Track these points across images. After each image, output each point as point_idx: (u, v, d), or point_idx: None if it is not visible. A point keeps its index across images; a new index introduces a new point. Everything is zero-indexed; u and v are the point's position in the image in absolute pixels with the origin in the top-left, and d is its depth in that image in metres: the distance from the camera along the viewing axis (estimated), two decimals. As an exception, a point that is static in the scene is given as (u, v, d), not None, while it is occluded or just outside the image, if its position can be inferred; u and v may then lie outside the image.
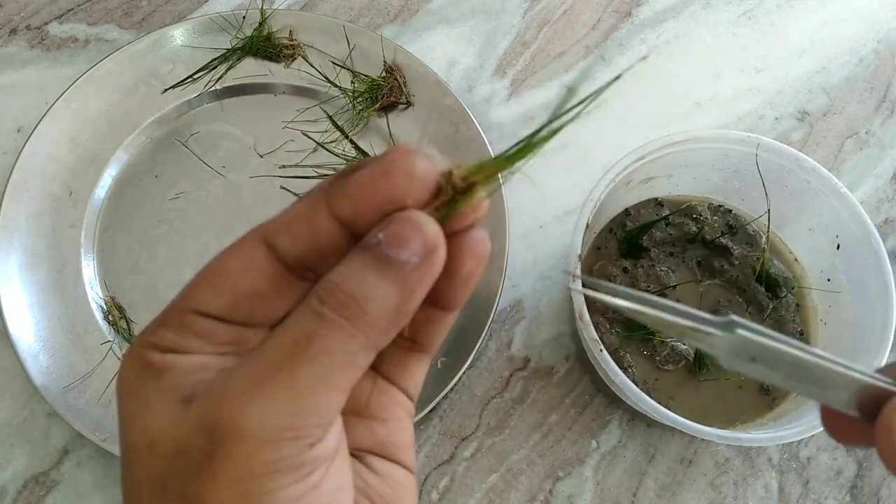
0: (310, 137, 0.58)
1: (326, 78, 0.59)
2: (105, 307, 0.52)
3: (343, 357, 0.18)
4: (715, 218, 0.54)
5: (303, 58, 0.60)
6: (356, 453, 0.21)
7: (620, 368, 0.42)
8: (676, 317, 0.21)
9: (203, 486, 0.17)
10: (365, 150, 0.57)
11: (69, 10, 0.63)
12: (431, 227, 0.18)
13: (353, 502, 0.19)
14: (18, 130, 0.58)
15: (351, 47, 0.59)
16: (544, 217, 0.57)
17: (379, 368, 0.22)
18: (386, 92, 0.58)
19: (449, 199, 0.19)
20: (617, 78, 0.22)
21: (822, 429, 0.41)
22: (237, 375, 0.18)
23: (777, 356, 0.20)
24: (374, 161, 0.18)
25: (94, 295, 0.52)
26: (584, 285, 0.21)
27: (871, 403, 0.21)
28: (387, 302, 0.18)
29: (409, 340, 0.22)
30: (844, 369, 0.21)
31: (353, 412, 0.21)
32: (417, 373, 0.23)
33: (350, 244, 0.19)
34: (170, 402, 0.18)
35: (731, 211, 0.54)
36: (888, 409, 0.20)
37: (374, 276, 0.18)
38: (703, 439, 0.47)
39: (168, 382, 0.18)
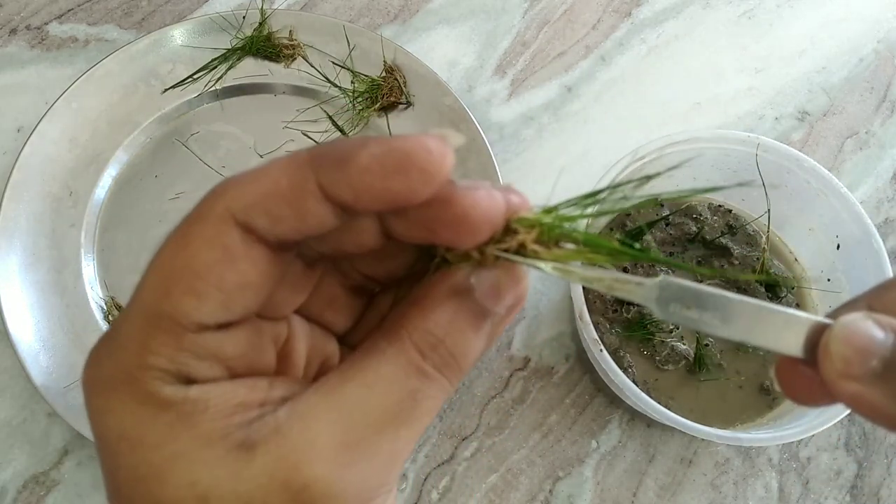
0: (310, 137, 0.58)
1: (326, 78, 0.59)
2: (105, 307, 0.52)
3: (438, 410, 0.17)
4: (715, 218, 0.54)
5: (303, 58, 0.60)
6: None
7: (620, 368, 0.42)
8: (604, 273, 0.20)
9: None
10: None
11: (69, 10, 0.63)
12: (526, 281, 0.18)
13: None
14: (18, 130, 0.58)
15: (351, 47, 0.59)
16: (544, 217, 0.57)
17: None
18: (386, 92, 0.58)
19: (511, 246, 0.18)
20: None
21: (822, 428, 0.41)
22: (327, 430, 0.16)
23: (709, 299, 0.20)
24: (382, 147, 0.16)
25: (94, 295, 0.52)
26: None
27: (815, 344, 0.20)
28: (478, 353, 0.18)
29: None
30: (785, 311, 0.20)
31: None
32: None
33: (340, 221, 0.17)
34: (220, 452, 0.16)
35: (731, 211, 0.54)
36: (825, 335, 0.20)
37: (472, 332, 0.17)
38: (703, 439, 0.47)
39: (208, 428, 0.16)
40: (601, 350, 0.42)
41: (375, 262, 0.20)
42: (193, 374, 0.16)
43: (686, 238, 0.53)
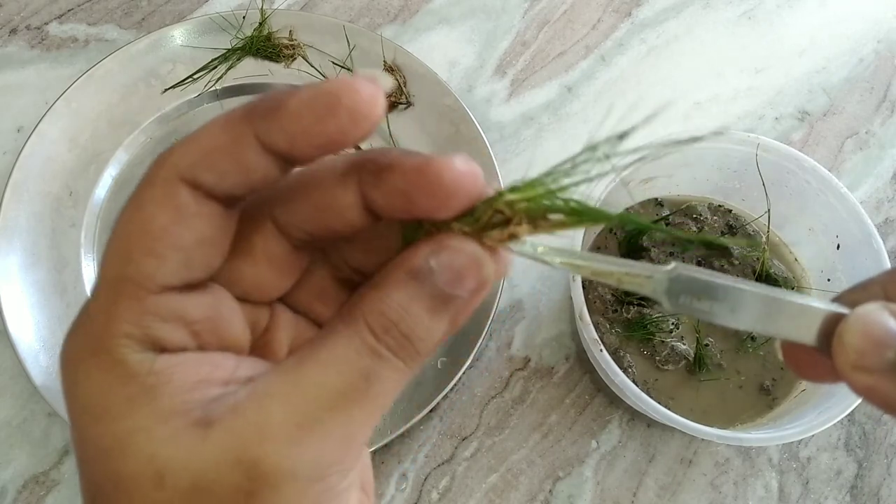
0: (310, 137, 0.58)
1: (326, 78, 0.59)
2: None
3: (391, 397, 0.17)
4: (715, 218, 0.54)
5: (303, 58, 0.60)
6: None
7: (620, 368, 0.42)
8: (613, 266, 0.20)
9: None
10: (365, 150, 0.57)
11: (69, 10, 0.63)
12: (489, 265, 0.18)
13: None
14: (18, 130, 0.58)
15: (351, 47, 0.59)
16: (544, 217, 0.57)
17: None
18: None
19: (484, 224, 0.18)
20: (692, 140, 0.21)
21: (822, 428, 0.41)
22: (281, 409, 0.16)
23: (720, 290, 0.20)
24: (310, 92, 0.16)
25: (94, 295, 0.52)
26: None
27: (829, 333, 0.20)
28: (437, 337, 0.18)
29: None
30: (798, 300, 0.20)
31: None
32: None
33: (282, 171, 0.17)
34: (178, 428, 0.16)
35: (731, 211, 0.54)
36: (840, 326, 0.19)
37: (429, 315, 0.17)
38: (703, 439, 0.47)
39: (168, 403, 0.16)
40: (601, 350, 0.42)
41: (362, 252, 0.20)
42: (159, 338, 0.17)
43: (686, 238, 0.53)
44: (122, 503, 0.16)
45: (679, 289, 0.20)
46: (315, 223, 0.18)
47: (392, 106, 0.58)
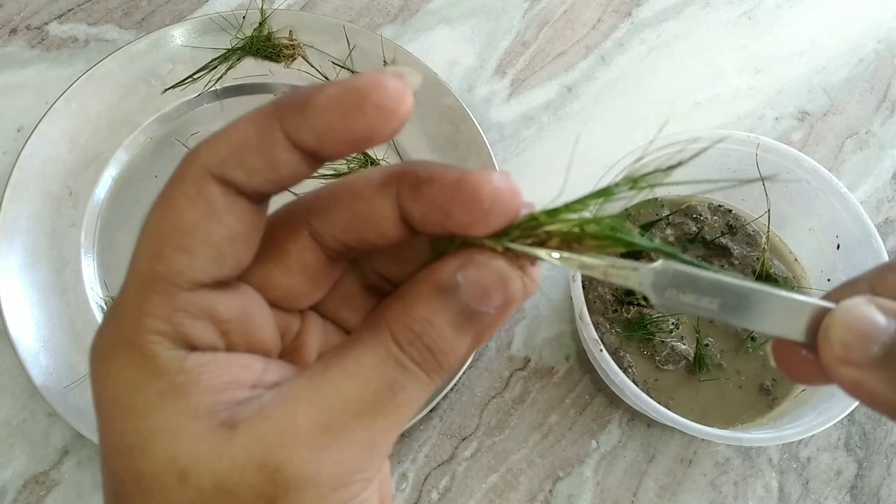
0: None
1: (326, 78, 0.59)
2: (105, 307, 0.52)
3: (416, 408, 0.17)
4: (715, 218, 0.54)
5: (303, 58, 0.60)
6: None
7: (620, 368, 0.42)
8: (600, 259, 0.20)
9: None
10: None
11: (69, 10, 0.63)
12: (516, 283, 0.18)
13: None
14: (18, 130, 0.58)
15: (351, 47, 0.59)
16: (544, 217, 0.57)
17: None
18: (386, 92, 0.58)
19: (518, 235, 0.18)
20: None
21: (822, 428, 0.41)
22: (306, 415, 0.16)
23: (706, 284, 0.20)
24: (338, 88, 0.16)
25: (94, 295, 0.52)
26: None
27: (817, 329, 0.20)
28: (462, 352, 0.18)
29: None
30: (785, 294, 0.20)
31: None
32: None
33: (311, 167, 0.17)
34: (204, 428, 0.16)
35: (731, 211, 0.54)
36: (826, 320, 0.19)
37: (453, 330, 0.17)
38: (703, 439, 0.47)
39: (196, 403, 0.16)
40: (601, 350, 0.42)
41: (392, 261, 0.20)
42: (190, 335, 0.17)
43: (686, 238, 0.53)
44: (144, 501, 0.16)
45: (665, 282, 0.20)
46: (351, 234, 0.18)
47: (392, 106, 0.58)
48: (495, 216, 0.17)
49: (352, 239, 0.18)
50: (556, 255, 0.19)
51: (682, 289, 0.20)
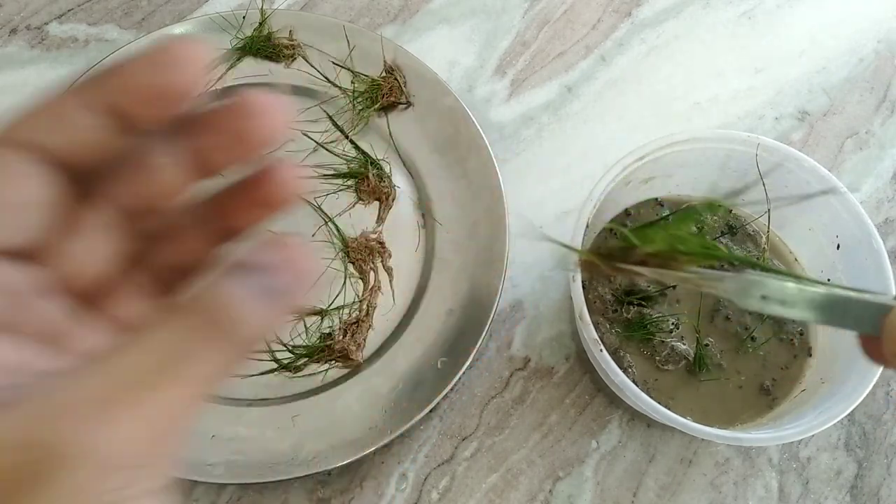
0: (310, 137, 0.58)
1: (326, 78, 0.59)
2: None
3: (210, 380, 0.16)
4: (715, 218, 0.54)
5: (303, 58, 0.60)
6: None
7: (620, 368, 0.42)
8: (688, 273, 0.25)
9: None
10: (365, 149, 0.57)
11: (69, 10, 0.63)
12: (307, 257, 0.18)
13: None
14: (18, 130, 0.58)
15: (351, 47, 0.59)
16: (544, 217, 0.57)
17: None
18: (386, 92, 0.58)
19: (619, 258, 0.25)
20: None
21: (822, 428, 0.41)
22: (85, 386, 0.14)
23: (786, 292, 0.23)
24: (138, 56, 0.17)
25: (94, 295, 0.52)
26: (586, 260, 0.27)
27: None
28: (260, 330, 0.17)
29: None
30: (859, 296, 0.23)
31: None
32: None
33: (122, 133, 0.17)
34: None
35: (731, 211, 0.54)
36: (887, 317, 0.22)
37: (257, 303, 0.16)
38: (703, 439, 0.47)
39: None
40: (601, 350, 0.42)
41: (183, 254, 0.20)
42: None
43: (686, 238, 0.53)
44: None
45: (748, 290, 0.23)
46: (67, 146, 0.17)
47: (392, 106, 0.58)
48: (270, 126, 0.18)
49: (80, 158, 0.18)
50: (656, 271, 0.23)
51: (765, 297, 0.23)
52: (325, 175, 0.57)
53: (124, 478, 0.14)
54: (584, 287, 0.46)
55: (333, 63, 0.59)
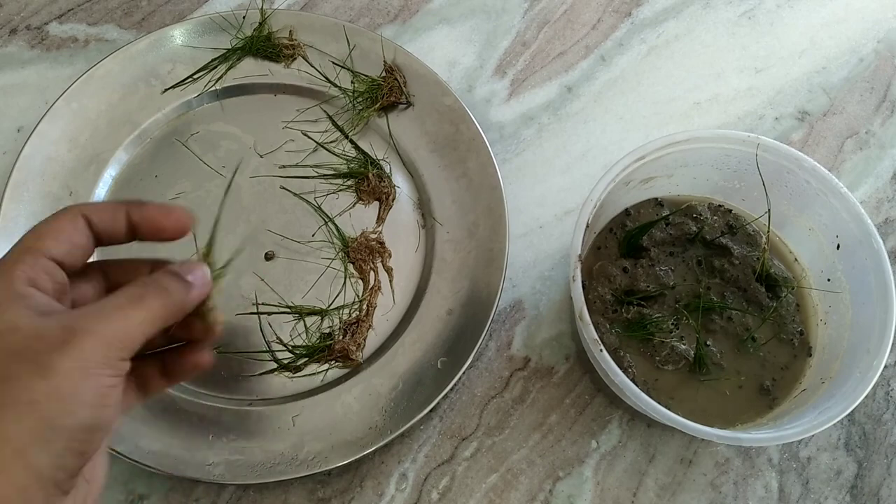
0: (310, 137, 0.58)
1: (326, 78, 0.59)
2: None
3: (155, 314, 0.29)
4: (715, 218, 0.54)
5: (303, 58, 0.60)
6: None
7: (620, 368, 0.42)
8: None
9: (54, 356, 0.26)
10: (365, 150, 0.57)
11: (69, 10, 0.63)
12: (205, 272, 0.32)
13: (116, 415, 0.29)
14: (18, 130, 0.58)
15: (351, 47, 0.59)
16: (544, 217, 0.57)
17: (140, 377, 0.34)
18: (386, 92, 0.58)
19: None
20: None
21: (822, 428, 0.41)
22: (94, 306, 0.28)
23: None
24: (162, 204, 0.32)
25: (94, 295, 0.52)
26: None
27: None
28: (180, 295, 0.30)
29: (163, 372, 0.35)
30: None
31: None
32: (156, 388, 0.35)
33: (126, 238, 0.32)
34: (30, 312, 0.27)
35: (731, 211, 0.54)
36: None
37: (174, 282, 0.30)
38: (703, 439, 0.47)
39: (28, 302, 0.28)
40: (601, 350, 0.42)
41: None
42: (37, 279, 0.28)
43: (686, 238, 0.53)
44: None
45: None
46: (103, 229, 0.31)
47: (392, 106, 0.58)
48: (184, 226, 0.32)
49: (102, 230, 0.31)
50: None
51: None
52: (325, 175, 0.57)
53: (111, 350, 0.27)
54: (584, 287, 0.46)
55: (333, 63, 0.59)
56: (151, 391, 0.34)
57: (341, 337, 0.51)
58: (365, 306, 0.53)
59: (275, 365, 0.50)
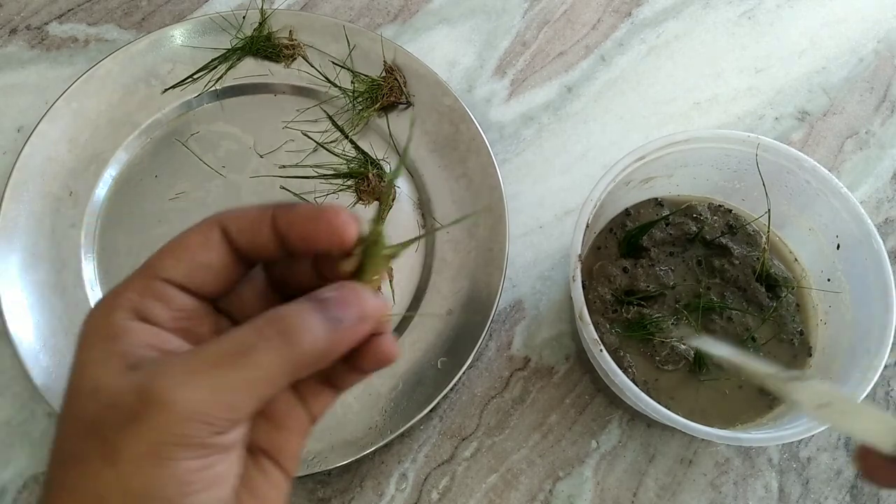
0: (310, 137, 0.58)
1: (326, 78, 0.59)
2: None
3: (268, 373, 0.21)
4: (715, 218, 0.54)
5: (303, 58, 0.60)
6: (252, 448, 0.24)
7: (620, 368, 0.42)
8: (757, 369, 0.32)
9: (123, 435, 0.20)
10: (365, 150, 0.57)
11: (69, 10, 0.63)
12: (371, 302, 0.23)
13: (234, 488, 0.22)
14: (18, 130, 0.58)
15: (351, 47, 0.59)
16: (544, 217, 0.57)
17: (297, 389, 0.26)
18: (386, 92, 0.58)
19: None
20: None
21: (822, 428, 0.41)
22: (180, 360, 0.21)
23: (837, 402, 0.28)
24: (315, 207, 0.24)
25: (94, 295, 0.52)
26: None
27: None
28: (317, 343, 0.22)
29: (326, 380, 0.26)
30: (881, 414, 0.27)
31: (266, 416, 0.25)
32: (325, 403, 0.26)
33: (278, 253, 0.24)
34: (118, 364, 0.21)
35: (731, 211, 0.54)
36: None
37: (315, 321, 0.22)
38: (703, 439, 0.47)
39: (119, 347, 0.22)
40: (601, 350, 0.42)
41: (290, 273, 0.26)
42: (145, 310, 0.23)
43: (686, 238, 0.53)
44: (68, 405, 0.22)
45: (811, 399, 0.30)
46: (246, 241, 0.24)
47: (392, 106, 0.58)
48: (342, 235, 0.23)
49: (247, 249, 0.24)
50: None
51: (820, 405, 0.29)
52: (325, 175, 0.57)
53: (193, 427, 0.20)
54: (584, 287, 0.46)
55: (333, 63, 0.59)
56: (344, 387, 0.27)
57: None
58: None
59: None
